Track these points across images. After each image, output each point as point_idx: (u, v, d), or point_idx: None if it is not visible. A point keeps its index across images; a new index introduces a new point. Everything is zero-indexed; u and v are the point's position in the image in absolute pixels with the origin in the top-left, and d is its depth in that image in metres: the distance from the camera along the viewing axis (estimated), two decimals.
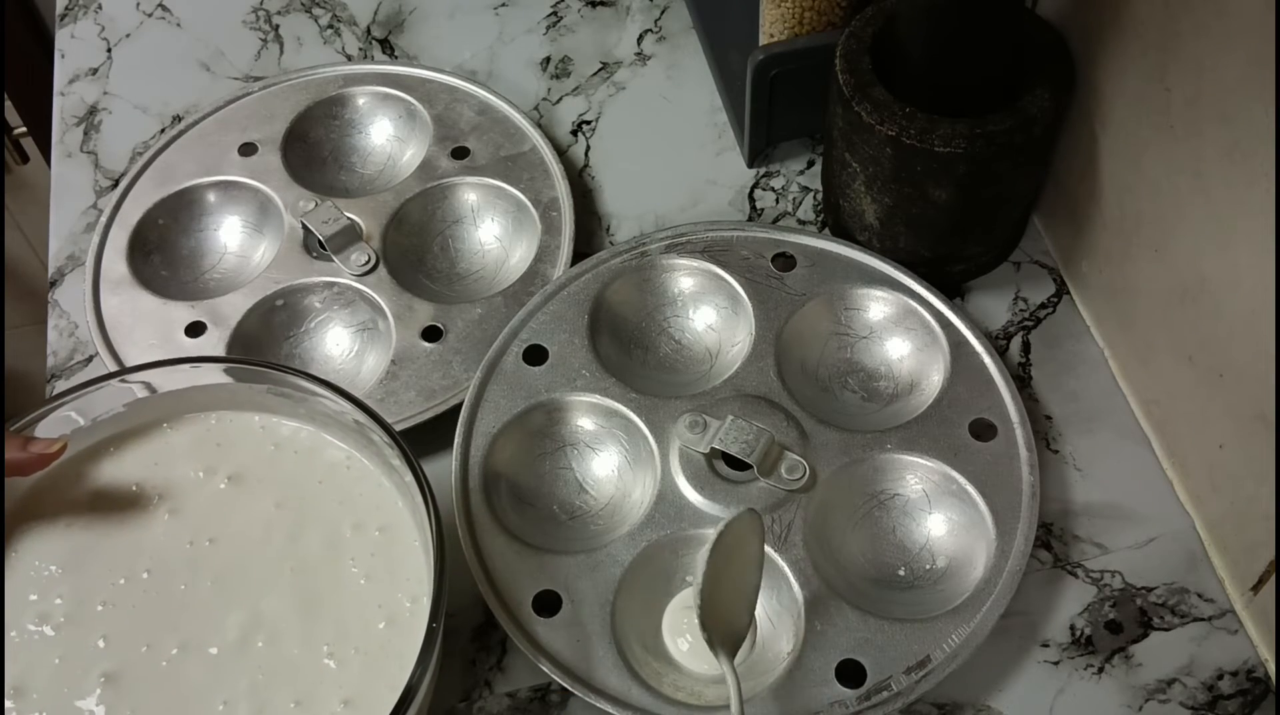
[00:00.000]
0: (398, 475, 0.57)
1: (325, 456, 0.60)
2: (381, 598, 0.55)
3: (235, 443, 0.60)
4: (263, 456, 0.60)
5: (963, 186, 0.67)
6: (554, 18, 0.93)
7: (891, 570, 0.64)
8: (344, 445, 0.60)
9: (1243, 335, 0.58)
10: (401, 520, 0.57)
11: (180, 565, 0.56)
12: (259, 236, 0.79)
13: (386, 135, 0.84)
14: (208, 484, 0.59)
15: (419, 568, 0.56)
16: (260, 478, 0.59)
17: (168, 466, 0.59)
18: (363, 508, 0.58)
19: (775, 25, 0.74)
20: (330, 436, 0.60)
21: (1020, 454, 0.65)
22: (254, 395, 0.60)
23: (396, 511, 0.58)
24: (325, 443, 0.60)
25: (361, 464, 0.59)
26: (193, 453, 0.60)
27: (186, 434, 0.60)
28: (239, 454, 0.60)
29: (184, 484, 0.59)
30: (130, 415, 0.60)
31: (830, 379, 0.71)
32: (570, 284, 0.73)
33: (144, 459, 0.59)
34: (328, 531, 0.57)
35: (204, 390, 0.60)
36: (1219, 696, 0.61)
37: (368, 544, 0.57)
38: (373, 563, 0.56)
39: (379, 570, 0.56)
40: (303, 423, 0.60)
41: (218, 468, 0.59)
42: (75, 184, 0.85)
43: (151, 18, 0.94)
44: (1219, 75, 0.55)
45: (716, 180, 0.82)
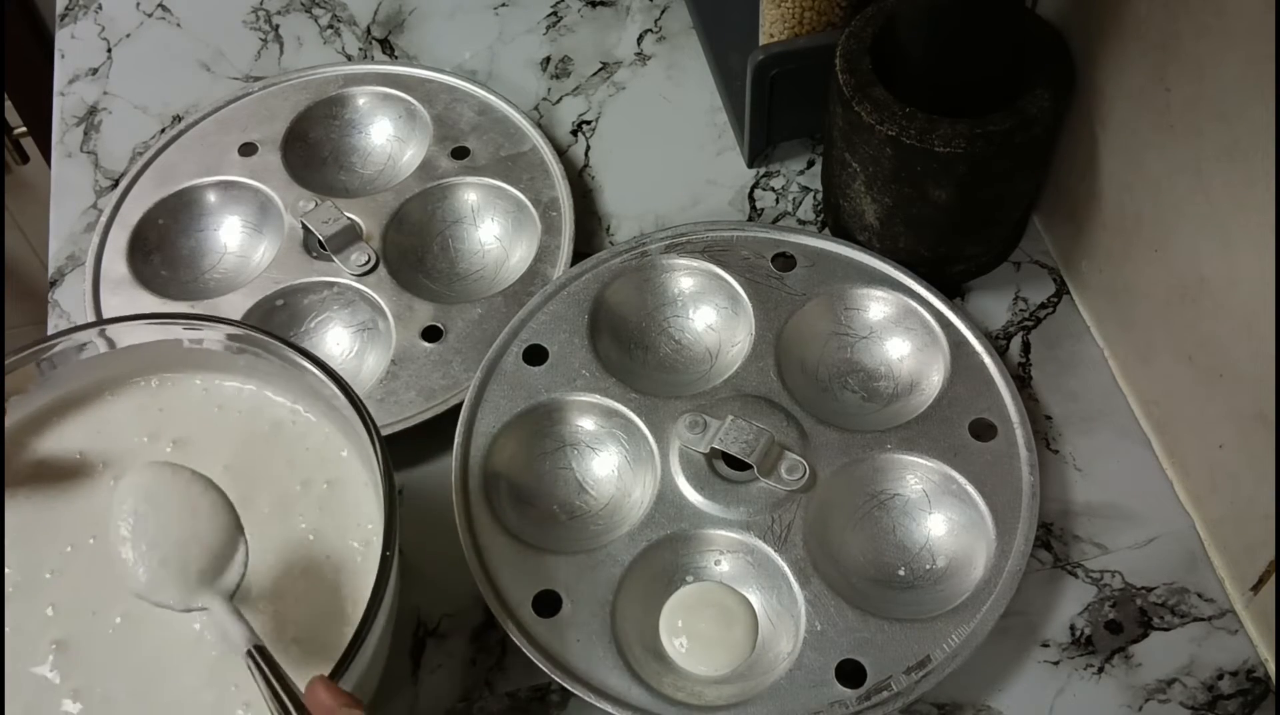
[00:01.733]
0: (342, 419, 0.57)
1: (269, 413, 0.60)
2: (329, 549, 0.56)
3: (178, 406, 0.60)
4: (207, 419, 0.60)
5: (963, 186, 0.67)
6: (554, 18, 0.93)
7: (891, 570, 0.64)
8: (285, 399, 0.60)
9: (1243, 335, 0.58)
10: (349, 470, 0.58)
11: None
12: (259, 236, 0.79)
13: (386, 135, 0.84)
14: (152, 449, 0.59)
15: (369, 512, 0.56)
16: (206, 441, 0.59)
17: (110, 434, 0.59)
18: (310, 463, 0.58)
19: (775, 25, 0.74)
20: (271, 392, 0.60)
21: (1020, 454, 0.65)
22: (192, 355, 0.60)
23: (342, 462, 0.58)
24: (267, 400, 0.60)
25: (305, 418, 0.59)
26: (136, 419, 0.60)
27: (128, 400, 0.60)
28: (183, 418, 0.60)
29: (128, 450, 0.59)
30: (69, 379, 0.59)
31: (830, 379, 0.71)
32: (570, 284, 0.73)
33: (86, 427, 0.59)
34: (277, 492, 0.57)
35: (141, 352, 0.60)
36: (1219, 696, 0.61)
37: (315, 498, 0.57)
38: (320, 517, 0.57)
39: (326, 524, 0.57)
40: (243, 381, 0.60)
41: (161, 432, 0.59)
42: (75, 184, 0.85)
43: (151, 18, 0.94)
44: (1219, 75, 0.55)
45: (716, 180, 0.82)
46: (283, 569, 0.56)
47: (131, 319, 0.59)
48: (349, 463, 0.58)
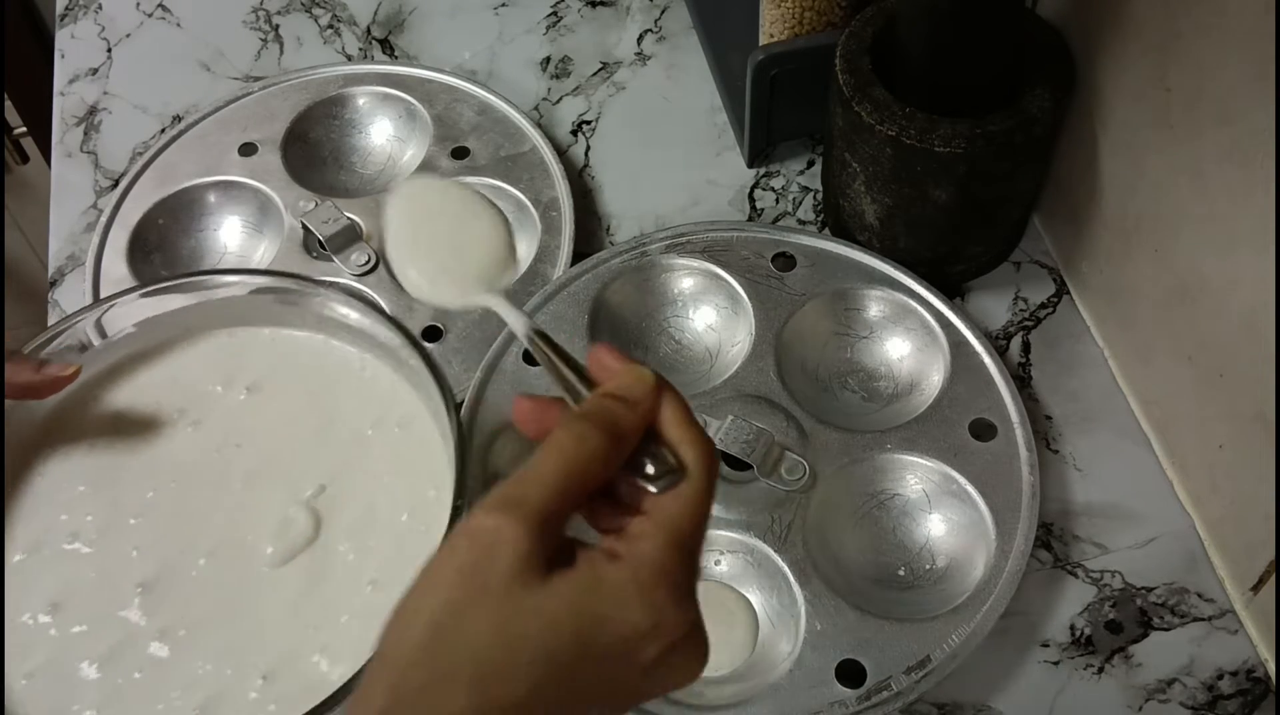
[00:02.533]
0: (411, 371, 0.58)
1: (338, 359, 0.61)
2: (403, 490, 0.57)
3: (249, 355, 0.62)
4: (278, 365, 0.61)
5: (963, 186, 0.67)
6: (554, 18, 0.93)
7: (891, 570, 0.64)
8: (355, 348, 0.61)
9: (1243, 335, 0.58)
10: (419, 413, 0.59)
11: (208, 472, 0.58)
12: (259, 236, 0.79)
13: (386, 135, 0.84)
14: (227, 395, 0.61)
15: (439, 459, 0.57)
16: (278, 385, 0.61)
17: (185, 383, 0.61)
18: (380, 405, 0.60)
19: (775, 25, 0.74)
20: (339, 341, 0.61)
21: (1020, 454, 0.65)
22: (263, 308, 0.61)
23: (413, 405, 0.59)
24: (335, 348, 0.62)
25: (374, 364, 0.61)
26: (208, 368, 0.61)
27: (200, 352, 0.62)
28: (254, 365, 0.61)
29: (203, 397, 0.60)
30: (142, 336, 0.61)
31: (830, 379, 0.71)
32: (570, 284, 0.72)
33: (160, 378, 0.61)
34: (349, 430, 0.59)
35: (213, 306, 0.61)
36: (1219, 696, 0.61)
37: (389, 440, 0.59)
38: (393, 460, 0.58)
39: (400, 466, 0.58)
40: (312, 331, 0.62)
41: (235, 379, 0.61)
42: (75, 184, 0.85)
43: (151, 18, 0.94)
44: (1219, 76, 0.55)
45: (716, 180, 0.82)
46: (361, 510, 0.57)
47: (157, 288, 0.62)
48: (415, 409, 0.59)
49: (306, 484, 0.57)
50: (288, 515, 0.56)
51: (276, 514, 0.57)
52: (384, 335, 0.58)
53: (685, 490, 0.40)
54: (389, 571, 0.55)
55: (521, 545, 0.36)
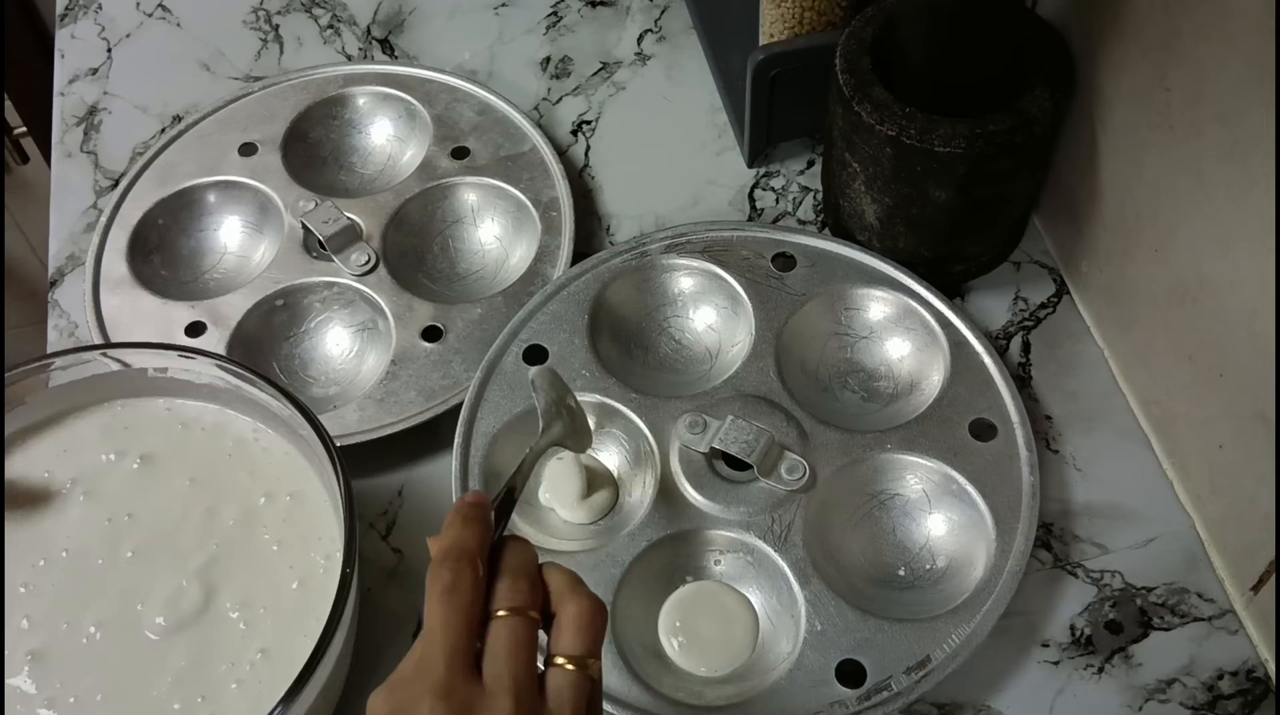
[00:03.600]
0: (303, 441, 0.59)
1: (232, 430, 0.62)
2: (293, 560, 0.58)
3: (143, 426, 0.63)
4: (171, 436, 0.62)
5: (963, 186, 0.67)
6: (554, 18, 0.93)
7: (891, 570, 0.64)
8: (249, 418, 0.62)
9: (1243, 335, 0.58)
10: (310, 485, 0.60)
11: (98, 542, 0.59)
12: (259, 236, 0.79)
13: (386, 135, 0.84)
14: (120, 466, 0.61)
15: (331, 527, 0.58)
16: (171, 456, 0.62)
17: (78, 453, 0.62)
18: (272, 477, 0.61)
19: (775, 25, 0.74)
20: (234, 411, 0.62)
21: (1020, 454, 0.65)
22: (154, 381, 0.62)
23: (305, 476, 0.60)
24: (230, 418, 0.63)
25: (267, 435, 0.62)
26: (101, 438, 0.62)
27: (93, 422, 0.63)
28: (148, 436, 0.62)
29: (96, 468, 0.61)
30: (36, 407, 0.62)
31: (830, 379, 0.71)
32: (570, 284, 0.73)
33: (53, 449, 0.62)
34: (241, 503, 0.60)
35: (104, 380, 0.62)
36: (1219, 696, 0.61)
37: (279, 511, 0.60)
38: (284, 529, 0.59)
39: (291, 536, 0.59)
40: (206, 401, 0.63)
41: (128, 450, 0.62)
42: (75, 184, 0.85)
43: (151, 18, 0.94)
44: (1219, 76, 0.55)
45: (716, 180, 0.82)
46: (250, 579, 0.58)
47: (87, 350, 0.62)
48: (310, 478, 0.60)
49: (197, 554, 0.58)
50: (178, 585, 0.57)
51: (167, 584, 0.57)
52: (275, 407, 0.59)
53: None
54: (279, 640, 0.56)
55: None
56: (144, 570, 0.58)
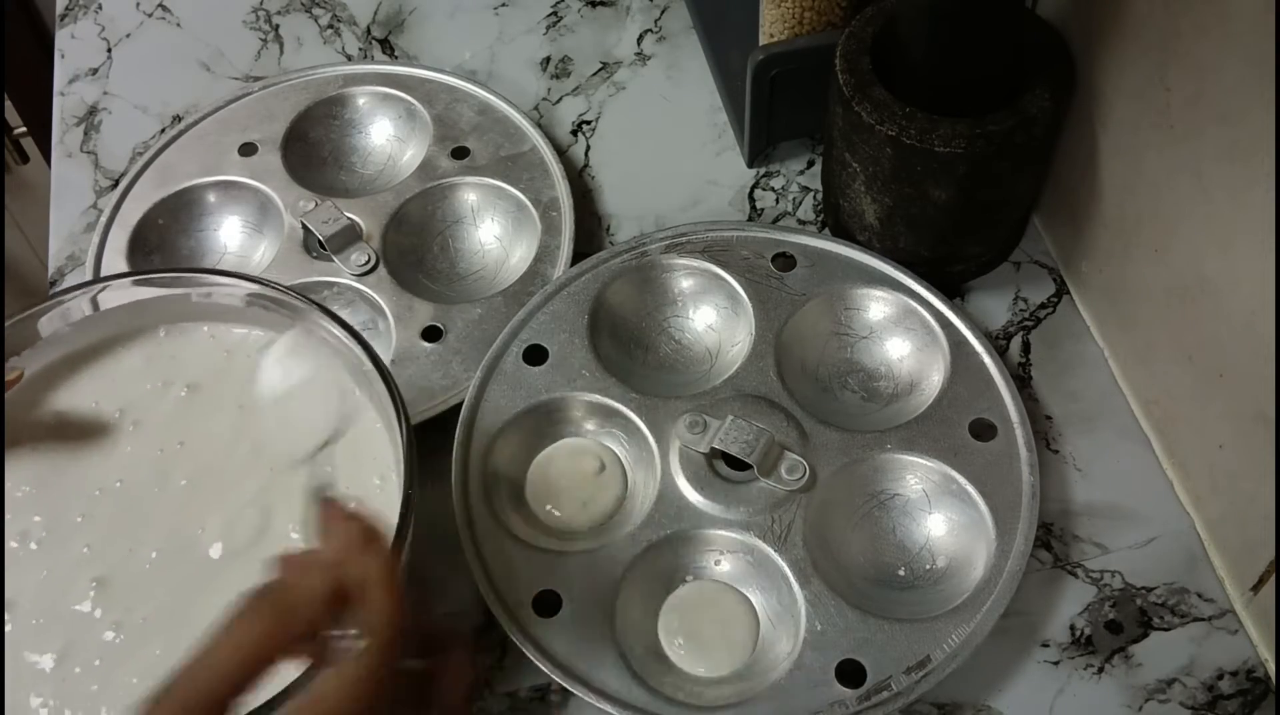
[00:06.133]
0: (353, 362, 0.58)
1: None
2: (348, 481, 0.58)
3: (188, 353, 0.62)
4: (217, 363, 0.62)
5: (963, 186, 0.67)
6: (554, 18, 0.93)
7: (891, 570, 0.64)
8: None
9: (1243, 335, 0.58)
10: (362, 405, 0.59)
11: (152, 471, 0.59)
12: (259, 236, 0.79)
13: (386, 135, 0.84)
14: (166, 394, 0.61)
15: (383, 449, 0.58)
16: (218, 383, 0.61)
17: (124, 384, 0.61)
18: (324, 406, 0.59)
19: (775, 25, 0.74)
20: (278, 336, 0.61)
21: (1020, 454, 0.65)
22: (199, 306, 0.62)
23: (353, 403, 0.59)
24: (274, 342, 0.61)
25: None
26: (147, 367, 0.62)
27: (139, 351, 0.62)
28: (193, 364, 0.62)
29: (143, 396, 0.61)
30: (78, 336, 0.61)
31: (830, 379, 0.71)
32: (570, 284, 0.72)
33: (99, 379, 0.62)
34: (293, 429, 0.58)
35: (149, 305, 0.61)
36: (1219, 696, 0.61)
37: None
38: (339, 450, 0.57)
39: (344, 458, 0.58)
40: (249, 326, 0.62)
41: (174, 378, 0.61)
42: (75, 184, 0.85)
43: (151, 18, 0.94)
44: (1219, 75, 0.55)
45: (716, 180, 0.82)
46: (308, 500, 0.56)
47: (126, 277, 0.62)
48: (360, 404, 0.59)
49: (252, 479, 0.58)
50: (235, 510, 0.57)
51: (223, 509, 0.57)
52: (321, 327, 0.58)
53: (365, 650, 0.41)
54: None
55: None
56: (199, 497, 0.58)
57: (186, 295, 0.61)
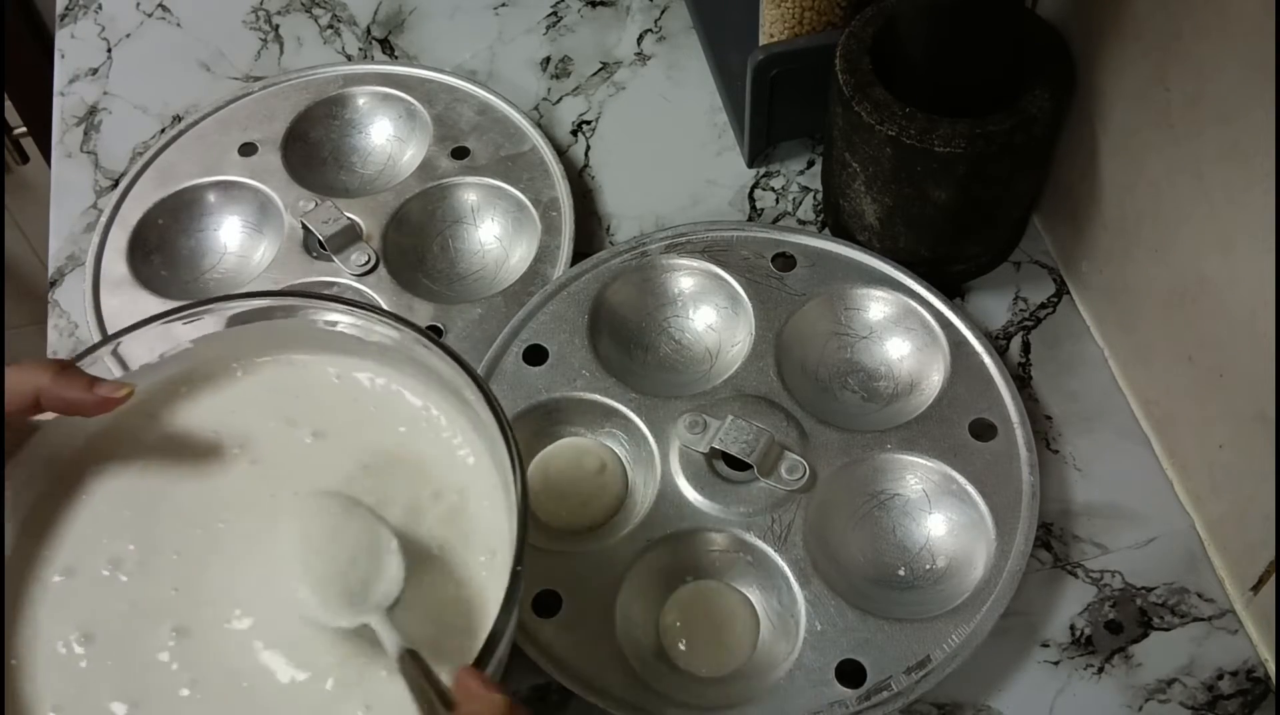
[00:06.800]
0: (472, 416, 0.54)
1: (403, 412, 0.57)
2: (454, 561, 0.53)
3: (314, 394, 0.57)
4: (344, 411, 0.57)
5: (963, 186, 0.67)
6: (554, 18, 0.93)
7: (891, 570, 0.64)
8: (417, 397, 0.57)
9: (1243, 335, 0.58)
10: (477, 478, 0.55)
11: (260, 519, 0.53)
12: (259, 236, 0.79)
13: (386, 135, 0.84)
14: (290, 436, 0.56)
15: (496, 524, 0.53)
16: (345, 436, 0.56)
17: (246, 416, 0.56)
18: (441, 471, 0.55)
19: (775, 25, 0.74)
20: (400, 387, 0.57)
21: (1020, 454, 0.65)
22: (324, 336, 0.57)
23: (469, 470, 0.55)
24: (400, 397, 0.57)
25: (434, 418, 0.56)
26: (271, 401, 0.57)
27: (261, 380, 0.57)
28: (319, 407, 0.57)
29: (265, 435, 0.56)
30: (197, 352, 0.56)
31: (830, 379, 0.71)
32: (570, 284, 0.73)
33: (220, 405, 0.56)
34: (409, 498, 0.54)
35: (274, 329, 0.57)
36: (1219, 696, 0.61)
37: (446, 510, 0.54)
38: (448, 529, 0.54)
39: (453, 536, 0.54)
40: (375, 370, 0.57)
41: (299, 420, 0.56)
42: (75, 184, 0.85)
43: (151, 18, 0.94)
44: (1219, 76, 0.56)
45: (716, 180, 0.82)
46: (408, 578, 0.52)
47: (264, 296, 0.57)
48: (476, 470, 0.55)
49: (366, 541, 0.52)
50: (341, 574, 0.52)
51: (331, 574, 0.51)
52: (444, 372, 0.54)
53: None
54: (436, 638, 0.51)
55: None
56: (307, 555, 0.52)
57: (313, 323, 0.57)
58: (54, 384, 0.50)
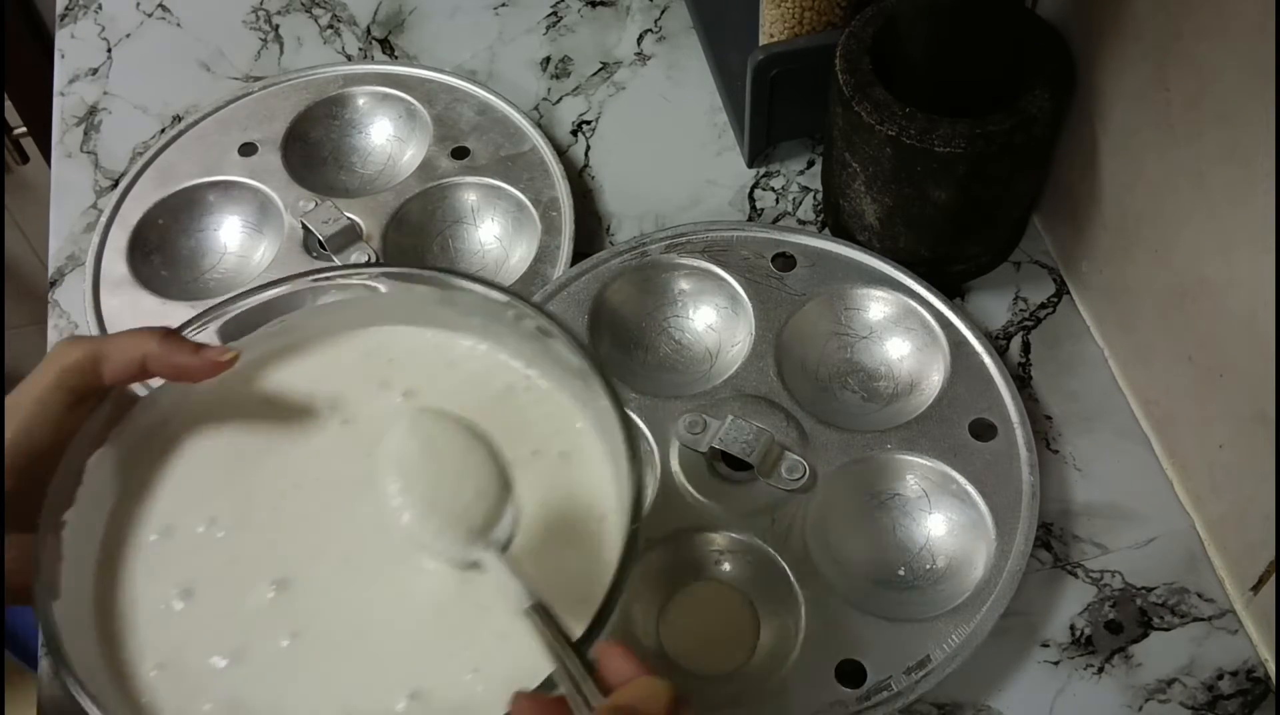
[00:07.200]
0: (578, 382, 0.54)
1: (502, 376, 0.57)
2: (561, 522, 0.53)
3: (408, 358, 0.57)
4: (438, 374, 0.57)
5: (963, 186, 0.67)
6: (554, 18, 0.93)
7: (891, 570, 0.64)
8: (519, 363, 0.57)
9: (1243, 335, 0.58)
10: (585, 442, 0.55)
11: (357, 474, 0.53)
12: (259, 236, 0.79)
13: (386, 135, 0.84)
14: (383, 397, 0.56)
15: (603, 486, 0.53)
16: (438, 396, 0.56)
17: (338, 379, 0.57)
18: (544, 433, 0.55)
19: (775, 25, 0.74)
20: (504, 355, 0.57)
21: (1020, 454, 0.65)
22: (423, 307, 0.57)
23: (576, 433, 0.55)
24: (501, 363, 0.57)
25: (538, 385, 0.56)
26: (363, 366, 0.57)
27: (356, 348, 0.58)
28: (413, 370, 0.57)
29: (357, 395, 0.56)
30: (297, 328, 0.57)
31: (830, 379, 0.71)
32: (570, 284, 0.73)
33: (313, 370, 0.57)
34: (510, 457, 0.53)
35: (371, 302, 0.58)
36: (1219, 696, 0.61)
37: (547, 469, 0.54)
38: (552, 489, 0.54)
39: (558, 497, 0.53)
40: (477, 340, 0.57)
41: (392, 382, 0.57)
42: (75, 184, 0.85)
43: (151, 18, 0.94)
44: (1219, 77, 0.56)
45: (716, 180, 0.82)
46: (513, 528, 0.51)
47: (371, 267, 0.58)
48: (584, 434, 0.55)
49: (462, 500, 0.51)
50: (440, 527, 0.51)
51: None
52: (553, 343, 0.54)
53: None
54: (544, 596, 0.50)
55: None
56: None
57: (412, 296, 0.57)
58: (161, 349, 0.51)
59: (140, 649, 0.50)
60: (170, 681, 0.49)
